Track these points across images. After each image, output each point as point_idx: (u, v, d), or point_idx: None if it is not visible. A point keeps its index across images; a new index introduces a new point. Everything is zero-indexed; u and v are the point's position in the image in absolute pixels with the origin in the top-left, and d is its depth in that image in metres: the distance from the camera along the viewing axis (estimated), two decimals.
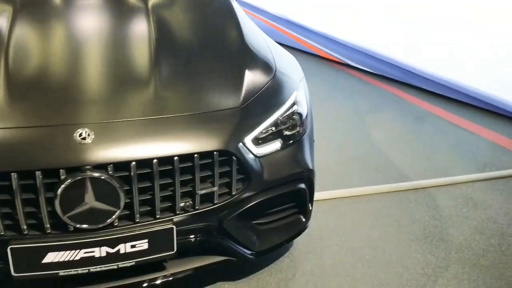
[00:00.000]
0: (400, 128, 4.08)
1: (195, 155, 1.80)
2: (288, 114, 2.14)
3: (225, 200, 1.94)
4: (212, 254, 2.05)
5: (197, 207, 1.88)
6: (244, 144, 1.94)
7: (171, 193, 1.82)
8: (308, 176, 2.20)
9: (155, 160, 1.74)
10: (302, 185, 2.19)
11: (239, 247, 2.06)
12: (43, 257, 1.72)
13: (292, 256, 2.43)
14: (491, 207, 2.87)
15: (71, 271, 1.77)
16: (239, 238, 2.04)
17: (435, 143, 3.77)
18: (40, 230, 1.73)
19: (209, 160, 1.84)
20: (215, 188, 1.88)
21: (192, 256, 2.04)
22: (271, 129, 2.06)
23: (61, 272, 1.76)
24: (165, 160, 1.77)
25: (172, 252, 1.87)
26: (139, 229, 1.80)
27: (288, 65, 2.41)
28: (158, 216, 1.82)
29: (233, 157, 1.88)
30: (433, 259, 2.41)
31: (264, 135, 2.05)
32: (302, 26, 6.65)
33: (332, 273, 2.30)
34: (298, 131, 2.17)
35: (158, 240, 1.83)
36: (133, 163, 1.71)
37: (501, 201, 2.94)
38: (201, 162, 1.83)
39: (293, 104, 2.18)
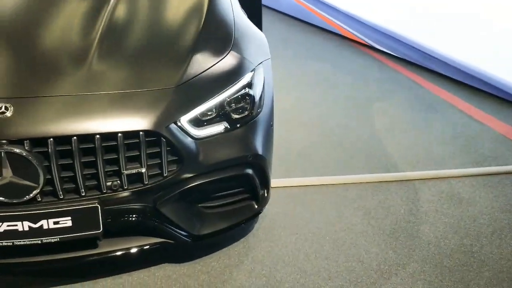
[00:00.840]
0: (407, 116, 3.88)
1: (119, 134, 1.76)
2: (238, 97, 2.06)
3: (157, 182, 1.89)
4: (149, 235, 2.02)
5: (125, 187, 1.85)
6: (178, 125, 1.88)
7: (96, 171, 1.80)
8: (255, 162, 2.11)
9: (74, 138, 1.72)
10: (249, 171, 2.12)
11: (175, 229, 2.02)
12: None
13: (247, 242, 2.37)
14: (476, 205, 2.68)
15: None
16: (175, 220, 2.00)
17: (440, 133, 3.56)
18: None
19: (136, 140, 1.80)
20: (143, 169, 1.84)
21: (129, 236, 2.02)
22: (216, 111, 2.00)
23: None
24: (87, 138, 1.74)
25: (98, 231, 1.85)
26: (62, 206, 1.79)
27: (250, 47, 2.31)
28: (83, 194, 1.81)
29: (162, 138, 1.83)
30: (394, 255, 2.28)
31: (209, 117, 1.99)
32: (328, 4, 6.43)
33: (281, 263, 2.23)
34: (248, 114, 2.09)
35: (82, 218, 1.82)
36: (51, 139, 1.70)
37: (489, 199, 2.74)
38: (127, 142, 1.80)
39: (245, 86, 2.09)
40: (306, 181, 2.89)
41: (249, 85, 2.13)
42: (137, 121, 1.79)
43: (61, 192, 1.78)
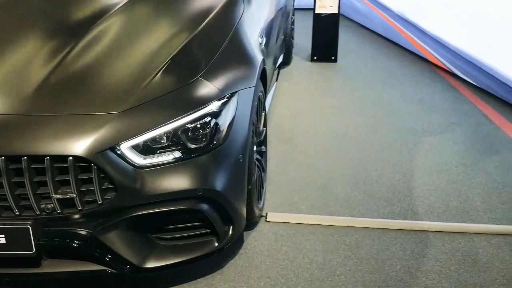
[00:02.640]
0: (460, 156, 3.45)
1: (46, 157, 1.74)
2: (196, 125, 1.95)
3: (92, 208, 1.84)
4: (91, 261, 1.98)
5: (58, 211, 1.83)
6: (116, 152, 1.82)
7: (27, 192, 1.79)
8: (209, 197, 1.98)
9: (1, 157, 1.72)
10: (203, 206, 1.99)
11: (115, 259, 1.95)
12: None
13: (212, 280, 2.23)
14: (491, 271, 2.27)
15: None
16: (115, 249, 1.93)
17: (490, 181, 3.10)
18: None
19: (66, 165, 1.77)
20: (73, 195, 1.80)
21: (74, 259, 1.99)
22: (168, 139, 1.91)
23: None
24: (15, 159, 1.75)
25: (30, 252, 1.84)
26: None
27: (228, 74, 2.18)
28: (17, 214, 1.81)
29: (93, 164, 1.78)
30: None
31: (160, 145, 1.91)
32: (418, 27, 6.00)
33: None
34: (207, 145, 1.97)
35: (15, 237, 1.82)
36: None
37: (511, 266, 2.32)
38: (57, 165, 1.77)
39: (207, 115, 1.98)
40: (307, 219, 2.67)
41: (214, 114, 2.01)
42: (67, 145, 1.76)
43: None
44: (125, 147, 1.84)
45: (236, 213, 2.14)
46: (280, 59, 4.91)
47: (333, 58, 5.78)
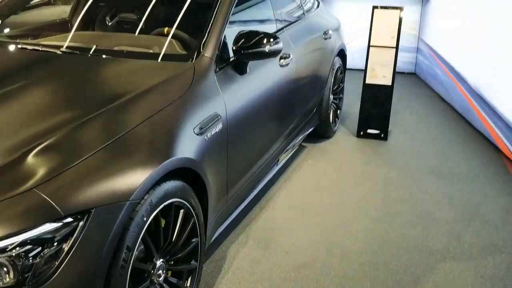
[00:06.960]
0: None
1: None
2: (4, 258, 1.45)
3: None
4: None
5: None
6: None
7: None
8: None
9: None
10: None
11: None
12: None
13: None
14: None
15: None
16: None
17: None
18: None
19: None
20: None
21: None
22: None
23: None
24: None
25: None
26: None
27: (88, 184, 1.65)
28: None
29: None
30: None
31: None
32: (491, 106, 5.03)
33: None
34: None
35: None
36: None
37: None
38: None
39: (24, 243, 1.49)
40: None
41: (40, 241, 1.50)
42: None
43: None
44: None
45: None
46: (305, 134, 4.28)
47: (382, 136, 5.01)
